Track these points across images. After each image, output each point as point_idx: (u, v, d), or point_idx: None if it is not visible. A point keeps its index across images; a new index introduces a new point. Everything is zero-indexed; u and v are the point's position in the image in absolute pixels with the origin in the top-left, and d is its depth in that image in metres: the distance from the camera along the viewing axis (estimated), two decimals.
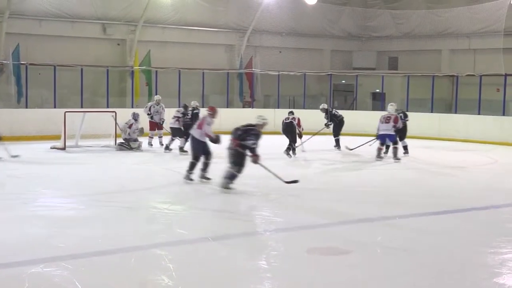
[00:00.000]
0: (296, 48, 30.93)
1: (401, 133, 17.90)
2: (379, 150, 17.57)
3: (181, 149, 18.21)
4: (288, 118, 18.46)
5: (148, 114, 20.11)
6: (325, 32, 31.79)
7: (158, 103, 20.23)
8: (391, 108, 17.99)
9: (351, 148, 19.30)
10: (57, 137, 19.39)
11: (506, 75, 25.01)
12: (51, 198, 11.91)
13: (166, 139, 19.40)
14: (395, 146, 17.46)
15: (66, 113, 18.83)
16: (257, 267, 7.53)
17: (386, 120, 17.48)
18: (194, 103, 19.11)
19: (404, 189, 13.46)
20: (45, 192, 12.47)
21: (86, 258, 7.68)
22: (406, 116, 18.74)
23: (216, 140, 13.01)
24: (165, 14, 27.40)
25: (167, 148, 18.71)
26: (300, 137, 18.90)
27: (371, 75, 29.82)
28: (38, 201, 11.50)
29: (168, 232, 9.17)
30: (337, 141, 19.94)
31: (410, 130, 18.94)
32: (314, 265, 7.61)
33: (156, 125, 20.23)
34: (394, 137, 17.40)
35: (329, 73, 29.66)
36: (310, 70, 29.04)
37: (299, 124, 18.56)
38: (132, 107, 24.35)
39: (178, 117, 18.55)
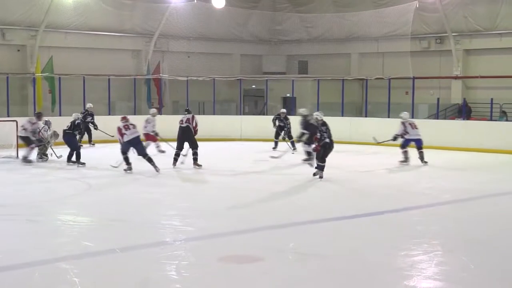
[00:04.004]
0: (205, 52, 30.33)
1: None
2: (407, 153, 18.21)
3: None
4: (182, 120, 16.84)
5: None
6: (234, 36, 31.43)
7: (154, 115, 20.39)
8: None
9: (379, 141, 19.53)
10: None
11: (414, 78, 25.29)
12: None
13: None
14: (422, 150, 18.24)
15: None
16: (166, 278, 7.30)
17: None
18: (75, 115, 18.35)
19: (315, 194, 13.47)
20: None
21: None
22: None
23: None
24: (67, 19, 26.44)
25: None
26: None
27: (281, 80, 29.79)
28: None
29: (74, 244, 8.74)
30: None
31: None
32: (225, 273, 7.53)
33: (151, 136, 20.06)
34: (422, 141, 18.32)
35: (239, 78, 29.32)
36: (220, 75, 28.62)
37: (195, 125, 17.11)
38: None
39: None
